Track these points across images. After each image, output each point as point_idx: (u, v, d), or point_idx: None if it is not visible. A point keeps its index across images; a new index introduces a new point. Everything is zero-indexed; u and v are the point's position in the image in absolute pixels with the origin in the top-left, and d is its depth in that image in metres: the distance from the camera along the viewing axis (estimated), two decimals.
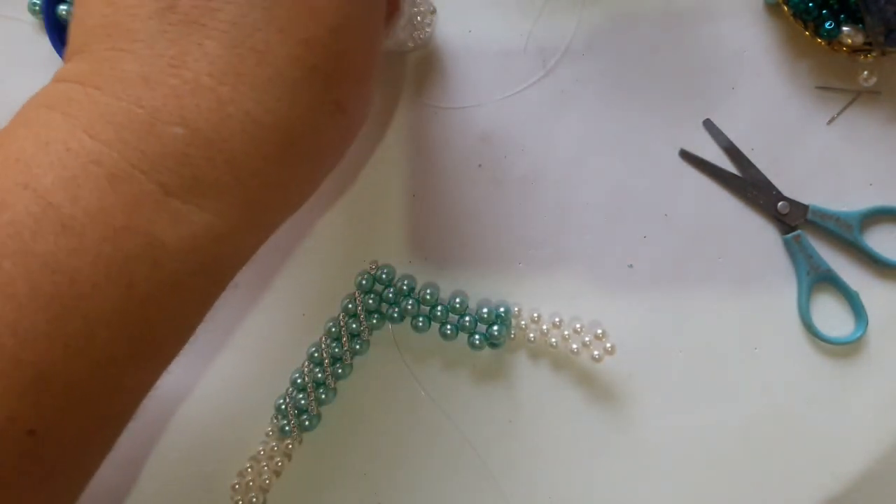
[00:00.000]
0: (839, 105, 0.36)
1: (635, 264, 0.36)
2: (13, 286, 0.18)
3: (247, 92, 0.20)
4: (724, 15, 0.36)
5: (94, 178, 0.19)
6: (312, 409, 0.34)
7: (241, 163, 0.20)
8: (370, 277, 0.35)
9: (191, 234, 0.20)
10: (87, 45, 0.21)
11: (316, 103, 0.22)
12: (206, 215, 0.20)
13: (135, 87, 0.20)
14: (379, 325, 0.35)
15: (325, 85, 0.22)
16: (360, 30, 0.22)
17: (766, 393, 0.35)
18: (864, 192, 0.35)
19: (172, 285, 0.20)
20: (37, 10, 0.36)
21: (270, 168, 0.21)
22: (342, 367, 0.34)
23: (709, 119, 0.36)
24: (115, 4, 0.21)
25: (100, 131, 0.19)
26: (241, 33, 0.20)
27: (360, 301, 0.34)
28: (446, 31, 0.36)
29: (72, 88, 0.21)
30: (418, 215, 0.36)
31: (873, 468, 0.35)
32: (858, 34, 0.34)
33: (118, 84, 0.20)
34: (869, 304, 0.35)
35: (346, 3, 0.21)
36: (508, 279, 0.36)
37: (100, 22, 0.21)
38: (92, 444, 0.21)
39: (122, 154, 0.19)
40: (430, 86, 0.36)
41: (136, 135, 0.19)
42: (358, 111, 0.24)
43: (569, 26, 0.36)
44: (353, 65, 0.22)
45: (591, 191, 0.36)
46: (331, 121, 0.23)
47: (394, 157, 0.36)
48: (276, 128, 0.21)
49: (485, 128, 0.36)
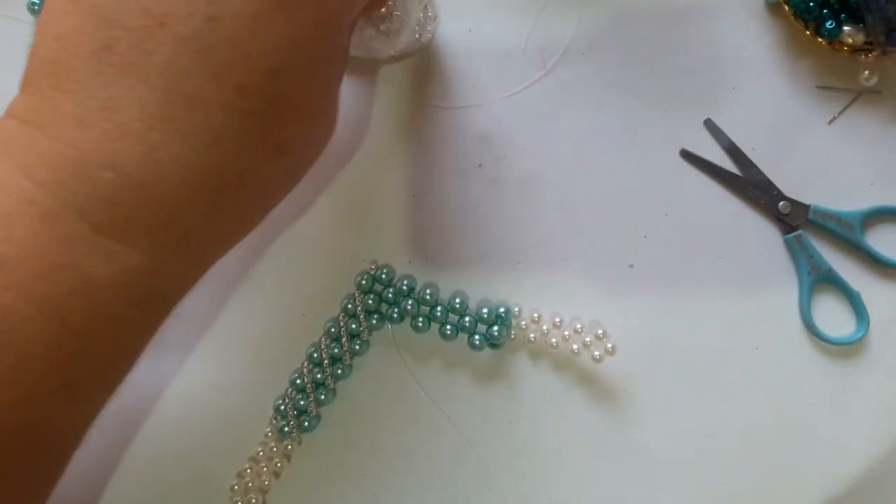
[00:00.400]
0: (840, 105, 0.36)
1: (635, 264, 0.36)
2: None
3: (177, 138, 0.20)
4: (725, 14, 0.36)
5: (27, 217, 0.19)
6: (312, 409, 0.34)
7: (172, 206, 0.21)
8: (370, 277, 0.35)
9: (124, 270, 0.20)
10: (36, 80, 0.22)
11: (253, 147, 0.21)
12: (139, 253, 0.21)
13: (70, 129, 0.20)
14: (379, 326, 0.35)
15: (264, 129, 0.21)
16: (305, 71, 0.22)
17: (767, 393, 0.35)
18: (865, 192, 0.35)
19: (107, 319, 0.20)
20: (36, 10, 0.36)
21: (204, 210, 0.21)
22: (342, 367, 0.34)
23: (709, 119, 0.36)
24: (62, 39, 0.21)
25: (35, 172, 0.20)
26: (174, 78, 0.20)
27: (359, 301, 0.34)
28: (446, 31, 0.36)
29: (14, 127, 0.21)
30: (418, 215, 0.36)
31: (874, 468, 0.35)
32: (859, 34, 0.33)
33: (56, 125, 0.20)
34: (870, 305, 0.35)
35: (287, 46, 0.21)
36: (508, 279, 0.36)
37: (48, 55, 0.22)
38: (30, 476, 0.21)
39: (56, 195, 0.20)
40: (430, 85, 0.36)
41: (70, 176, 0.20)
42: (307, 149, 0.24)
43: (569, 26, 0.36)
44: (297, 107, 0.22)
45: (591, 191, 0.36)
46: (272, 163, 0.22)
47: (394, 157, 0.36)
48: (209, 172, 0.21)
49: (485, 128, 0.36)
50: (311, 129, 0.24)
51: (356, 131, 0.36)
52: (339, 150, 0.36)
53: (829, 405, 0.35)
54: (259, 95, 0.21)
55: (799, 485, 0.35)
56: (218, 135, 0.21)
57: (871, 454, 0.35)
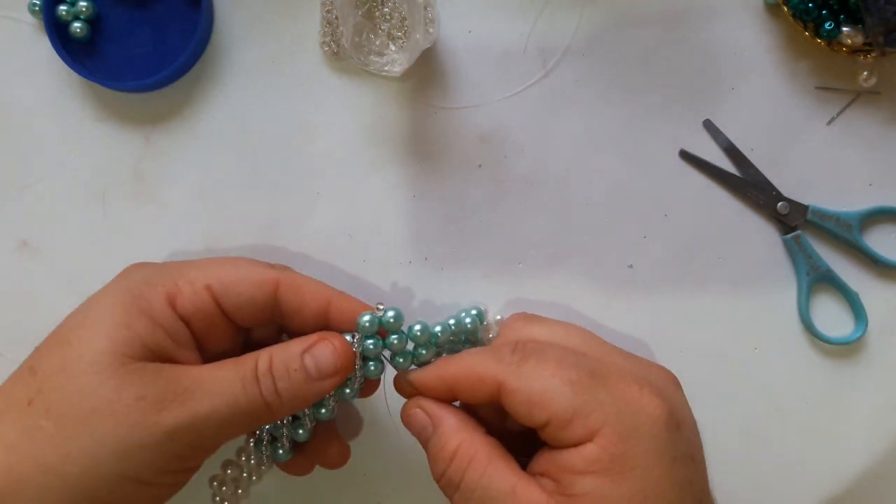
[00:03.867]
0: (839, 105, 0.36)
1: (635, 264, 0.36)
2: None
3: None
4: (724, 16, 0.36)
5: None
6: (283, 443, 0.30)
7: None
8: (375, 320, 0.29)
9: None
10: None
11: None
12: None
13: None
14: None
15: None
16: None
17: (766, 392, 0.35)
18: (863, 193, 0.36)
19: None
20: (37, 10, 0.36)
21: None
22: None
23: (709, 119, 0.36)
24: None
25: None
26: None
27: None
28: (447, 31, 0.36)
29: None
30: (418, 215, 0.36)
31: (873, 467, 0.35)
32: (858, 35, 0.34)
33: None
34: (868, 304, 0.35)
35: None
36: (508, 279, 0.36)
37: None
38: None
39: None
40: (430, 86, 0.36)
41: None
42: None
43: (569, 27, 0.36)
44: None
45: (591, 191, 0.36)
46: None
47: (394, 157, 0.36)
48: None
49: (485, 128, 0.36)
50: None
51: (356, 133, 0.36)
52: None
53: (827, 404, 0.35)
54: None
55: (798, 483, 0.35)
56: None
57: (870, 453, 0.35)
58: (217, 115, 0.36)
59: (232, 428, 0.27)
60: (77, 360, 0.26)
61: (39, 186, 0.37)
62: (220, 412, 0.26)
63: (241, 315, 0.29)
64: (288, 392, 0.27)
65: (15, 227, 0.37)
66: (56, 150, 0.37)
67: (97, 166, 0.36)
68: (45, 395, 0.25)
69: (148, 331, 0.26)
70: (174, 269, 0.29)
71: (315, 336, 0.28)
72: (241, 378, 0.27)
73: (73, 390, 0.25)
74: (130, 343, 0.26)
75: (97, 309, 0.27)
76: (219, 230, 0.36)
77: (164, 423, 0.25)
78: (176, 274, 0.28)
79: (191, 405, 0.26)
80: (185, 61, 0.35)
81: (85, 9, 0.35)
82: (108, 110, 0.36)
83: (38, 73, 0.37)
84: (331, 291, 0.29)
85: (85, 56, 0.36)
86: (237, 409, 0.26)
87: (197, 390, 0.26)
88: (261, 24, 0.36)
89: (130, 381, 0.25)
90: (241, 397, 0.26)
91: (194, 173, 0.36)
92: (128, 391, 0.25)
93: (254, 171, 0.36)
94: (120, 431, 0.25)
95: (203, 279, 0.28)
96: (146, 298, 0.27)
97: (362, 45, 0.35)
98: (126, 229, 0.36)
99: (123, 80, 0.35)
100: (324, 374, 0.27)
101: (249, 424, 0.28)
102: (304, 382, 0.27)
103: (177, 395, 0.25)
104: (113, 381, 0.25)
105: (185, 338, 0.28)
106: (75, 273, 0.36)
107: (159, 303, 0.27)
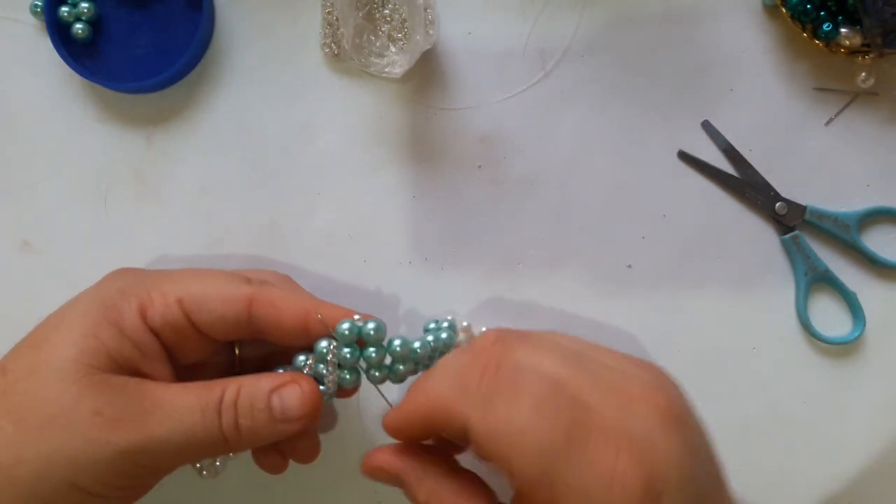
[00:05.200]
0: (837, 106, 0.36)
1: (634, 264, 0.36)
2: None
3: None
4: (723, 16, 0.36)
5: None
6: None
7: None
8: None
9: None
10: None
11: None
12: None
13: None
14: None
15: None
16: None
17: (765, 392, 0.35)
18: (861, 193, 0.36)
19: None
20: (38, 11, 0.36)
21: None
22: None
23: (707, 120, 0.36)
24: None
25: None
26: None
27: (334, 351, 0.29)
28: (446, 33, 0.36)
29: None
30: (418, 215, 0.36)
31: (871, 467, 0.35)
32: (856, 36, 0.34)
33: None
34: (867, 304, 0.35)
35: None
36: (508, 279, 0.36)
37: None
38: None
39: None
40: (430, 87, 0.36)
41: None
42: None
43: (568, 28, 0.36)
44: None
45: (591, 191, 0.36)
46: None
47: (394, 158, 0.36)
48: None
49: (484, 129, 0.36)
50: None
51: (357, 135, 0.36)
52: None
53: (826, 404, 0.35)
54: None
55: (797, 483, 0.35)
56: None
57: (868, 453, 0.35)
58: (218, 116, 0.36)
59: (185, 455, 0.27)
60: (45, 365, 0.26)
61: (41, 187, 0.37)
62: (175, 439, 0.26)
63: (213, 330, 0.28)
64: (248, 430, 0.27)
65: (17, 227, 0.37)
66: (58, 151, 0.37)
67: (99, 167, 0.37)
68: (9, 396, 0.26)
69: (115, 342, 0.26)
70: (151, 279, 0.29)
71: (287, 375, 0.27)
72: (203, 407, 0.26)
73: (36, 395, 0.25)
74: (96, 353, 0.26)
75: (70, 316, 0.27)
76: (220, 230, 0.36)
77: (116, 442, 0.25)
78: (151, 285, 0.28)
79: (146, 428, 0.25)
80: (187, 62, 0.35)
81: (86, 10, 0.35)
82: (109, 111, 0.37)
83: (40, 75, 0.37)
84: (309, 302, 0.29)
85: (86, 57, 0.36)
86: (192, 439, 0.26)
87: (156, 413, 0.26)
88: (261, 26, 0.36)
89: (90, 393, 0.25)
90: (199, 427, 0.26)
91: (195, 174, 0.36)
92: (86, 404, 0.25)
93: (255, 172, 0.36)
94: (74, 443, 0.25)
95: (176, 292, 0.28)
96: (117, 309, 0.27)
97: (363, 47, 0.35)
98: (127, 229, 0.36)
99: (125, 81, 0.35)
100: (288, 417, 0.27)
101: (204, 454, 0.28)
102: (266, 423, 0.27)
103: (134, 415, 0.25)
104: (74, 390, 0.25)
105: (154, 350, 0.28)
106: (76, 273, 0.36)
107: (130, 314, 0.27)
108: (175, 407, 0.26)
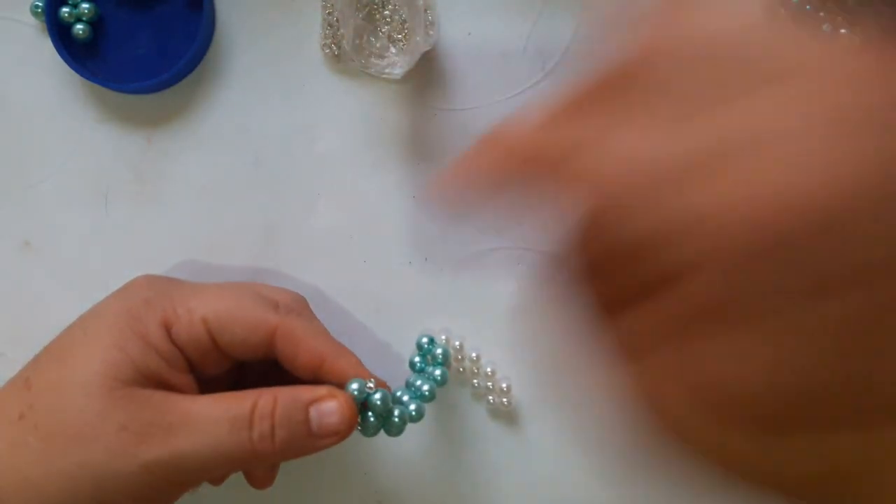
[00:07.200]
0: None
1: None
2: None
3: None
4: None
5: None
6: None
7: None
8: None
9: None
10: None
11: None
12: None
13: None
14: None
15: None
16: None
17: None
18: None
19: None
20: (39, 12, 0.36)
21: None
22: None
23: None
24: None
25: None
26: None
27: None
28: (446, 34, 0.36)
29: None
30: (418, 217, 0.36)
31: None
32: (855, 36, 0.34)
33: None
34: None
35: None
36: (508, 279, 0.36)
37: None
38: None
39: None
40: (430, 88, 0.36)
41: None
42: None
43: (568, 28, 0.36)
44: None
45: None
46: None
47: (394, 159, 0.36)
48: None
49: (485, 130, 0.36)
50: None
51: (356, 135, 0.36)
52: None
53: None
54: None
55: None
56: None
57: None
58: (219, 117, 0.36)
59: (213, 469, 0.26)
60: (70, 379, 0.26)
61: (41, 187, 0.37)
62: (202, 452, 0.25)
63: (235, 352, 0.28)
64: (283, 442, 0.26)
65: (17, 227, 0.37)
66: (58, 152, 0.37)
67: (99, 167, 0.37)
68: (35, 410, 0.26)
69: (141, 354, 0.26)
70: (177, 292, 0.29)
71: (324, 389, 0.27)
72: (231, 419, 0.26)
73: (63, 410, 0.25)
74: (122, 366, 0.26)
75: (95, 327, 0.27)
76: (220, 231, 0.36)
77: (142, 456, 0.25)
78: (177, 299, 0.28)
79: (173, 442, 0.25)
80: (187, 63, 0.35)
81: (87, 11, 0.35)
82: (110, 112, 0.37)
83: (41, 75, 0.37)
84: (327, 348, 0.28)
85: (87, 58, 0.36)
86: (219, 450, 0.25)
87: (182, 427, 0.25)
88: (262, 27, 0.36)
89: (116, 407, 0.25)
90: (226, 439, 0.26)
91: (196, 174, 0.36)
92: (111, 419, 0.25)
93: (255, 172, 0.36)
94: (99, 458, 0.25)
95: (201, 310, 0.28)
96: (143, 321, 0.27)
97: (363, 48, 0.35)
98: (128, 230, 0.37)
99: (126, 81, 0.35)
100: (325, 432, 0.26)
101: (231, 467, 0.28)
102: (303, 436, 0.26)
103: (160, 429, 0.25)
104: (99, 405, 0.25)
105: (179, 363, 0.28)
106: (77, 273, 0.37)
107: (155, 326, 0.27)
108: (202, 419, 0.26)
